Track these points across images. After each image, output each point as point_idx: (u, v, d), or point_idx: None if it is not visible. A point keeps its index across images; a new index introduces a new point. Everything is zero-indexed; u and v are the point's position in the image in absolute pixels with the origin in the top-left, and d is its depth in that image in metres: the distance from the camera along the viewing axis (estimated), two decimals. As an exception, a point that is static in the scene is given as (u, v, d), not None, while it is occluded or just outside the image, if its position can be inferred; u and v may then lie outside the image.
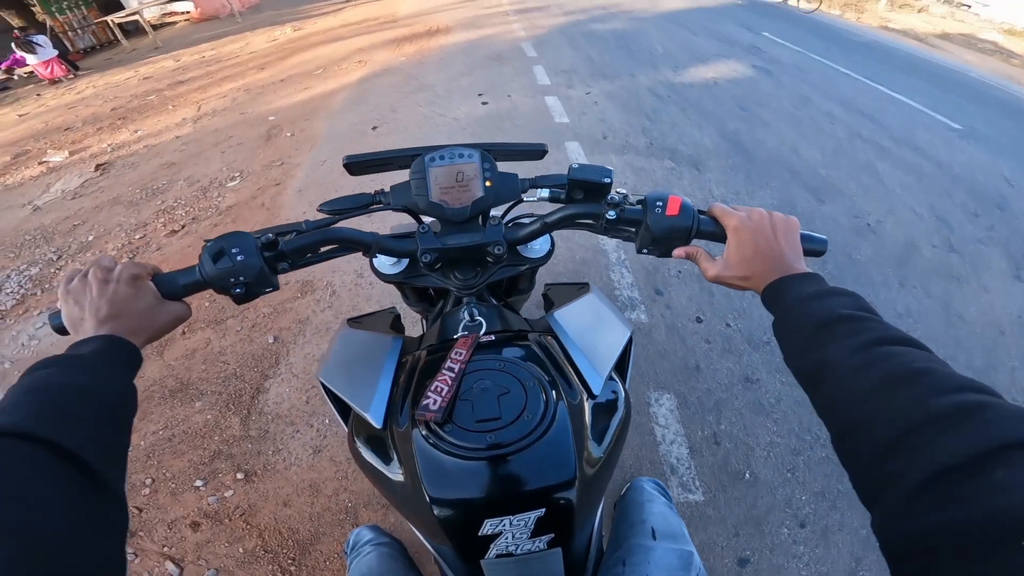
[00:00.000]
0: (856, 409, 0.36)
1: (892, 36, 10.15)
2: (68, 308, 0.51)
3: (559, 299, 0.85)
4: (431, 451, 0.51)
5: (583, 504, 0.53)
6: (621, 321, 0.73)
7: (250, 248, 0.57)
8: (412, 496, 0.52)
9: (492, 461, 0.49)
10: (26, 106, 6.42)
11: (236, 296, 0.57)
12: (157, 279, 0.56)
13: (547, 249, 0.80)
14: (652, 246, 0.64)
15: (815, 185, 3.27)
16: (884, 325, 0.42)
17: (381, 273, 0.78)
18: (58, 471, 0.33)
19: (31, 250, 2.92)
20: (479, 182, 0.70)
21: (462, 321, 0.69)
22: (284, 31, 8.41)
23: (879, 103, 5.02)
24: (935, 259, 2.70)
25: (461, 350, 0.58)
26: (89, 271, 0.52)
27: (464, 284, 0.74)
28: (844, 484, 1.60)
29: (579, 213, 0.67)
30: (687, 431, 1.73)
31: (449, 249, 0.70)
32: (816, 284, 0.50)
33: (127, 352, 0.48)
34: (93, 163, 3.95)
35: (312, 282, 2.37)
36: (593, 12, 7.79)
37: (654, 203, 0.61)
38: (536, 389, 0.54)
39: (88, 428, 0.38)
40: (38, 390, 0.39)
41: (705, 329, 2.13)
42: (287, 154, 3.66)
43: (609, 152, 3.44)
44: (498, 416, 0.52)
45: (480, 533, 0.48)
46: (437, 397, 0.52)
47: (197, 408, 1.87)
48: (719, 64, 5.51)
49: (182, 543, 1.49)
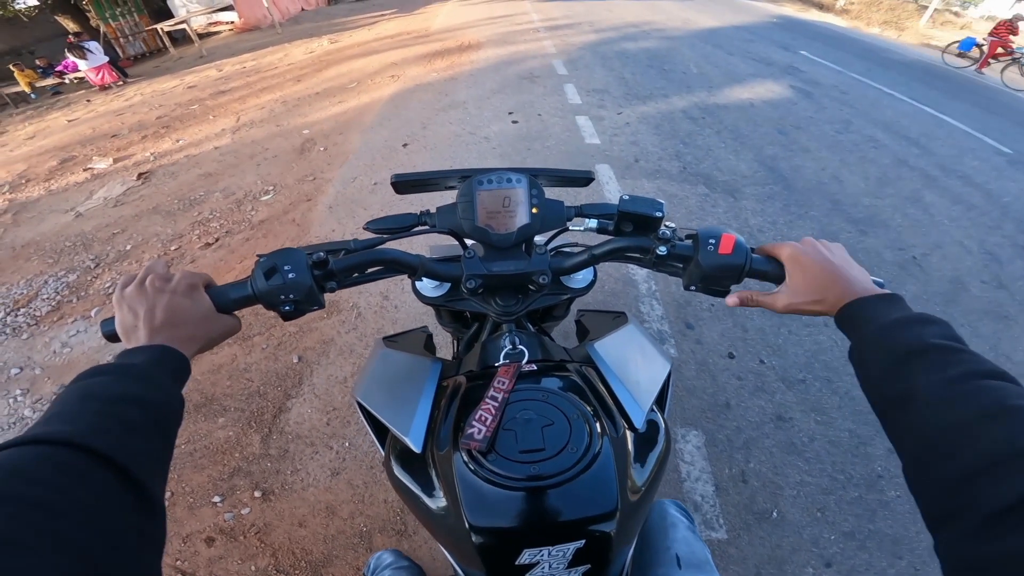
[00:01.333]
0: (942, 438, 0.36)
1: (934, 54, 9.83)
2: (123, 315, 0.50)
3: (594, 327, 0.85)
4: (473, 479, 0.51)
5: (621, 537, 0.52)
6: (661, 354, 0.72)
7: (301, 266, 0.56)
8: (450, 521, 0.52)
9: (534, 492, 0.49)
10: (76, 111, 6.74)
11: (284, 313, 0.57)
12: (211, 291, 0.56)
13: (590, 280, 0.80)
14: (701, 283, 0.62)
15: (858, 216, 3.13)
16: (977, 357, 0.40)
17: (423, 295, 0.78)
18: (108, 484, 0.33)
19: (70, 256, 3.01)
20: (526, 208, 0.69)
21: (504, 349, 0.68)
22: (321, 43, 8.65)
23: (925, 126, 4.82)
24: (984, 296, 2.56)
25: (504, 379, 0.58)
26: (147, 278, 0.52)
27: (504, 311, 0.73)
28: (875, 524, 1.56)
29: (628, 246, 0.65)
30: (714, 468, 1.68)
31: (494, 276, 0.69)
32: (901, 308, 0.47)
33: (178, 363, 0.47)
34: (136, 171, 4.09)
35: (338, 303, 2.37)
36: (625, 30, 7.77)
37: (707, 240, 0.59)
38: (580, 421, 0.54)
39: (139, 441, 0.38)
40: (92, 398, 0.38)
41: (737, 366, 2.05)
42: (319, 168, 3.72)
43: (641, 177, 3.38)
44: (542, 447, 0.52)
45: (517, 562, 0.48)
46: (482, 427, 0.52)
47: (220, 424, 1.88)
48: (756, 85, 5.40)
49: (195, 558, 1.49)
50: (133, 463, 0.35)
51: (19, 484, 0.30)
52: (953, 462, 0.34)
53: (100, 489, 0.32)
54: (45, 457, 0.32)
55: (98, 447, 0.34)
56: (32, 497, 0.29)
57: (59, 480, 0.31)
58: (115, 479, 0.33)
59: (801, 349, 2.13)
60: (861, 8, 13.84)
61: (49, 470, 0.31)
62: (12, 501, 0.28)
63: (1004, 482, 0.30)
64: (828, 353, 2.13)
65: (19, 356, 2.27)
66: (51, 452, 0.32)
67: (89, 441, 0.34)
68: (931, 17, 13.58)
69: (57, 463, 0.32)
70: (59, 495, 0.30)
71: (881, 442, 1.79)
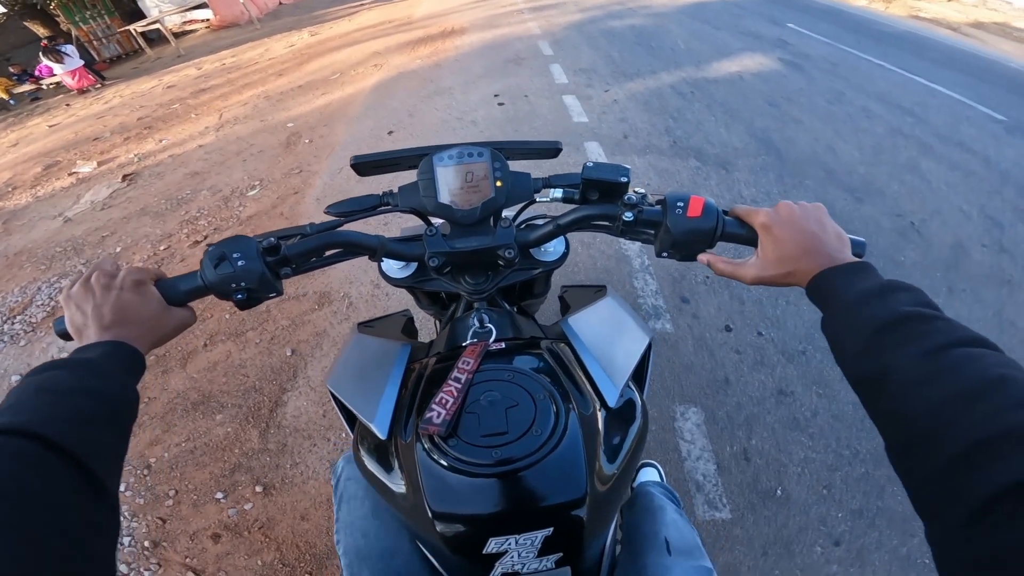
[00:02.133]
0: (923, 420, 0.33)
1: (924, 25, 9.72)
2: (71, 314, 0.50)
3: (575, 302, 0.82)
4: (434, 466, 0.49)
5: (594, 521, 0.50)
6: (640, 327, 0.69)
7: (251, 253, 0.55)
8: (415, 510, 0.51)
9: (498, 477, 0.47)
10: (56, 116, 6.63)
11: (238, 302, 0.56)
12: (160, 284, 0.54)
13: (562, 252, 0.77)
14: (672, 249, 0.60)
15: (853, 184, 3.10)
16: (952, 324, 0.38)
17: (389, 277, 0.76)
18: (62, 474, 0.33)
19: (62, 262, 2.98)
20: (490, 182, 0.67)
21: (471, 328, 0.66)
22: (302, 36, 8.50)
23: (919, 96, 4.76)
24: (985, 261, 2.53)
25: (469, 359, 0.56)
26: (92, 276, 0.51)
27: (475, 289, 0.72)
28: (884, 501, 1.52)
29: (594, 214, 0.64)
30: (715, 447, 1.65)
31: (457, 252, 0.67)
32: (870, 277, 0.45)
33: (132, 358, 0.47)
34: (120, 173, 4.02)
35: (329, 293, 2.35)
36: (610, 8, 7.64)
37: (675, 204, 0.57)
38: (546, 402, 0.52)
39: (94, 432, 0.37)
40: (47, 391, 0.38)
41: (735, 339, 2.03)
42: (306, 161, 3.67)
43: (631, 153, 3.34)
44: (505, 430, 0.49)
45: (484, 551, 0.47)
46: (441, 410, 0.50)
47: (218, 421, 1.87)
48: (745, 59, 5.32)
49: (203, 555, 1.50)
50: (87, 453, 0.35)
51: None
52: (936, 447, 0.32)
53: (53, 477, 0.32)
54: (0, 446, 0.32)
55: (52, 436, 0.33)
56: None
57: (12, 467, 0.31)
58: (69, 468, 0.33)
59: (800, 320, 2.10)
60: (848, -22, 13.63)
61: (3, 458, 0.31)
62: None
63: (993, 464, 0.28)
64: (827, 322, 2.13)
65: (18, 363, 2.26)
66: (5, 441, 0.32)
67: (43, 430, 0.33)
68: (919, -14, 13.40)
69: (11, 452, 0.32)
70: (11, 482, 0.30)
71: None
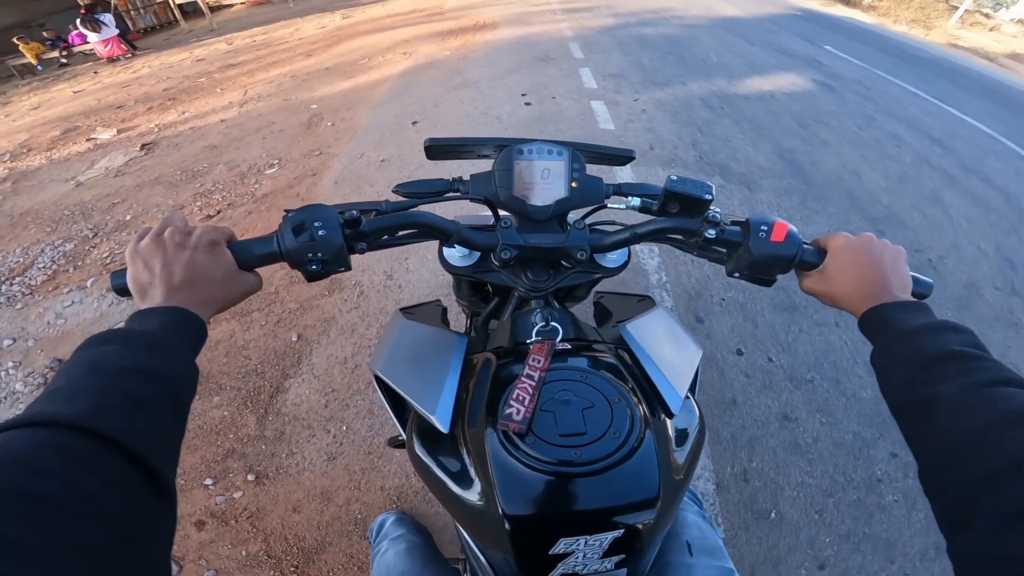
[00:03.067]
0: (963, 442, 0.35)
1: (961, 54, 9.56)
2: (136, 270, 0.46)
3: (617, 309, 0.82)
4: (510, 462, 0.48)
5: (658, 526, 0.50)
6: (692, 339, 0.70)
7: (333, 224, 0.53)
8: (479, 506, 0.50)
9: (575, 478, 0.47)
10: (82, 83, 6.68)
11: (310, 273, 0.54)
12: (233, 246, 0.52)
13: (624, 260, 0.77)
14: (749, 271, 0.60)
15: (876, 214, 3.04)
16: (999, 365, 0.40)
17: (450, 264, 0.74)
18: (117, 473, 0.30)
19: (68, 225, 2.96)
20: (564, 182, 0.68)
21: (535, 325, 0.64)
22: (333, 18, 8.51)
23: (949, 125, 4.68)
24: (997, 303, 2.49)
25: (539, 357, 0.54)
26: (166, 231, 0.48)
27: (534, 285, 0.71)
28: (872, 527, 1.56)
29: (674, 227, 0.63)
30: (716, 466, 1.65)
31: (530, 247, 0.67)
32: (926, 315, 0.48)
33: (195, 328, 0.44)
34: (139, 142, 4.03)
35: (341, 280, 2.31)
36: (644, 15, 7.57)
37: (758, 226, 0.58)
38: (621, 405, 0.51)
39: (150, 420, 0.35)
40: (99, 372, 0.35)
41: (745, 362, 1.99)
42: (326, 144, 3.64)
43: (656, 164, 3.28)
44: (584, 431, 0.49)
45: (552, 551, 0.46)
46: (520, 407, 0.49)
47: (215, 403, 1.83)
48: (777, 76, 5.24)
49: (184, 541, 1.46)
50: (144, 447, 0.32)
51: (21, 475, 0.26)
52: (973, 465, 0.34)
53: (109, 479, 0.29)
54: (48, 443, 0.29)
55: (106, 431, 0.31)
56: (36, 490, 0.26)
57: (64, 470, 0.28)
58: (125, 466, 0.31)
59: (811, 348, 2.08)
60: (889, 5, 13.46)
61: (53, 459, 0.28)
62: (14, 497, 0.25)
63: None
64: (838, 353, 2.07)
65: (13, 327, 2.22)
66: (54, 437, 0.29)
67: (96, 424, 0.31)
68: (961, 17, 13.18)
69: (62, 450, 0.29)
70: (65, 487, 0.27)
71: (884, 446, 1.75)
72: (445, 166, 2.32)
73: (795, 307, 2.25)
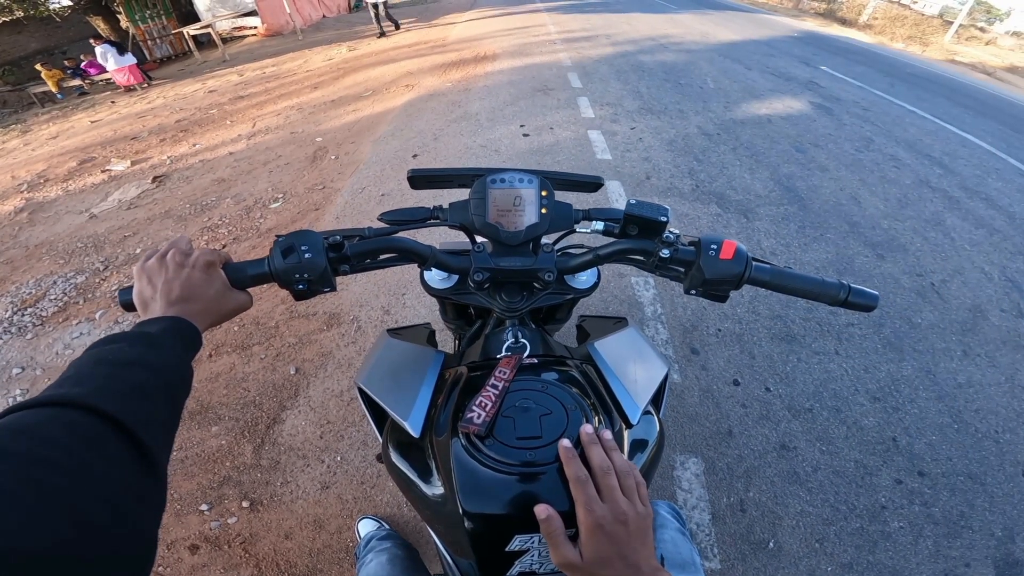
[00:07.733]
0: None
1: (959, 70, 9.61)
2: (141, 286, 0.53)
3: (595, 331, 0.86)
4: (469, 462, 0.51)
5: None
6: (659, 357, 0.74)
7: (318, 247, 0.59)
8: (443, 506, 0.53)
9: (529, 478, 0.50)
10: (100, 112, 6.93)
11: (298, 292, 0.60)
12: (227, 267, 0.58)
13: (593, 281, 0.82)
14: (702, 287, 0.64)
15: (876, 239, 3.03)
16: None
17: (431, 287, 0.80)
18: (113, 446, 0.33)
19: (80, 258, 3.05)
20: (535, 208, 0.71)
21: (506, 342, 0.70)
22: (340, 51, 8.78)
23: (949, 145, 4.68)
24: (1003, 326, 2.46)
25: (505, 369, 0.59)
26: (168, 252, 0.54)
27: (509, 306, 0.75)
28: (875, 556, 1.54)
29: (632, 248, 0.67)
30: (712, 497, 1.65)
31: (501, 270, 0.71)
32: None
33: (191, 334, 0.49)
34: (152, 174, 4.16)
35: (339, 315, 2.36)
36: (642, 43, 7.73)
37: (708, 245, 0.61)
38: (577, 412, 0.55)
39: (147, 405, 0.38)
40: (104, 363, 0.39)
41: (742, 393, 1.99)
42: (330, 178, 3.74)
43: (652, 195, 3.32)
44: (539, 435, 0.52)
45: (507, 549, 0.49)
46: (481, 411, 0.53)
47: (213, 432, 1.88)
48: (774, 101, 5.31)
49: (177, 564, 1.49)
50: (140, 426, 0.35)
51: (24, 441, 0.30)
52: None
53: (105, 451, 0.32)
54: (53, 418, 0.32)
55: (106, 409, 0.34)
56: (35, 454, 0.29)
57: (65, 439, 0.31)
58: (121, 442, 0.34)
59: (810, 377, 2.07)
60: (885, 23, 13.65)
61: (56, 429, 0.31)
62: (14, 457, 0.28)
63: None
64: (838, 382, 2.06)
65: (22, 356, 2.29)
66: (60, 413, 0.33)
67: (98, 403, 0.34)
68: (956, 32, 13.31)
69: (65, 423, 0.32)
70: (62, 453, 0.30)
71: (888, 473, 1.73)
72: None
73: (793, 337, 2.24)
